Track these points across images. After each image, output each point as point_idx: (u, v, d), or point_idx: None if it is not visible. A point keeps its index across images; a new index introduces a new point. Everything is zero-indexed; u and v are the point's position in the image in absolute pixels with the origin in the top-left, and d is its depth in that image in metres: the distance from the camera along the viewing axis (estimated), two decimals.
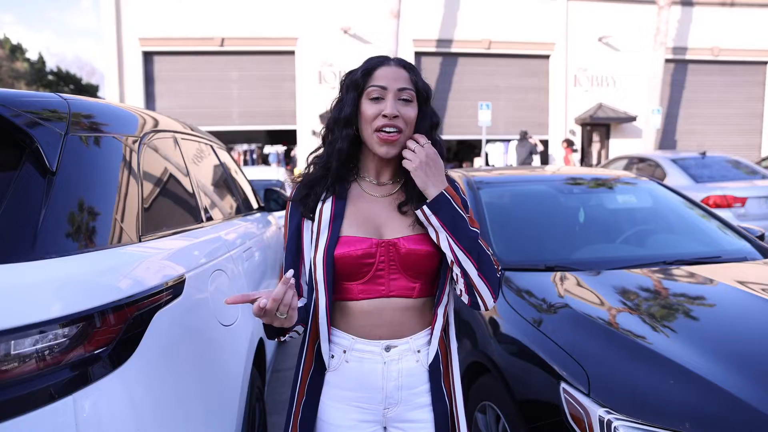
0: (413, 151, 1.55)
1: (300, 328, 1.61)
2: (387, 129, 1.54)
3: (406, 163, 1.55)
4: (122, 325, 1.47)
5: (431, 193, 1.53)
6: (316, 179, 1.63)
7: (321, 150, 1.67)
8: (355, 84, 1.59)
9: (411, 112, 1.58)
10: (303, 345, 1.64)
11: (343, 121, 1.61)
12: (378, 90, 1.56)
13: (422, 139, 1.58)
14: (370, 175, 1.67)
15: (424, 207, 1.53)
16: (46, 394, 1.30)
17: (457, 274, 1.57)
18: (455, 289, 1.63)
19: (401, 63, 1.62)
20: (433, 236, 1.55)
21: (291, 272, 1.42)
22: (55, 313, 1.33)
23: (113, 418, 1.41)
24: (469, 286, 1.57)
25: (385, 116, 1.53)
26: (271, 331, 1.55)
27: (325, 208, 1.60)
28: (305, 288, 1.64)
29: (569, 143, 17.23)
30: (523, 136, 16.27)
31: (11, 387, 1.27)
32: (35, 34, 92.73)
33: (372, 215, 1.61)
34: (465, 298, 1.61)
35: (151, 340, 1.56)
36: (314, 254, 1.57)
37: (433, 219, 1.52)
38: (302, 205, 1.63)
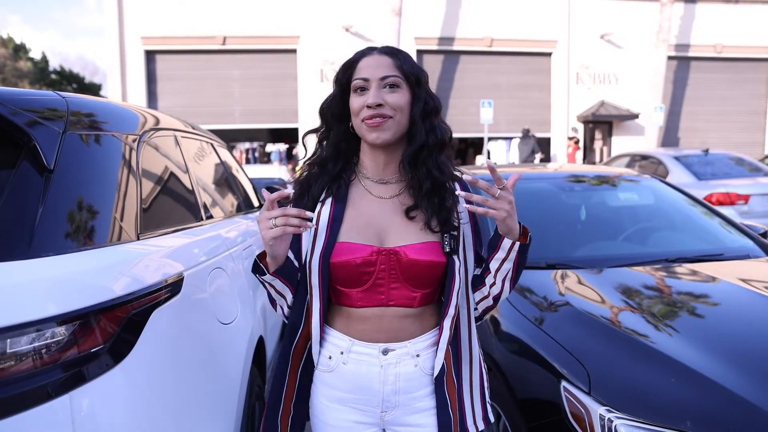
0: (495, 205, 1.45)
1: (289, 295, 1.56)
2: (371, 120, 1.49)
3: (494, 214, 1.46)
4: (119, 324, 1.46)
5: (517, 230, 1.51)
6: (312, 179, 1.59)
7: (316, 154, 1.63)
8: (338, 80, 1.56)
9: (398, 98, 1.50)
10: (292, 343, 1.61)
11: (324, 120, 1.60)
12: (361, 82, 1.50)
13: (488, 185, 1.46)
14: (370, 173, 1.60)
15: (516, 243, 1.51)
16: (42, 392, 1.30)
17: (485, 297, 1.64)
18: (474, 305, 1.67)
19: (385, 50, 1.55)
20: (494, 264, 1.56)
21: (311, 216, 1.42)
22: (51, 311, 1.33)
23: (110, 417, 1.41)
24: (490, 308, 1.68)
25: (368, 107, 1.48)
26: (257, 266, 1.49)
27: (324, 210, 1.55)
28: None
29: (576, 141, 17.24)
30: (526, 134, 16.25)
31: (8, 385, 1.26)
32: (39, 33, 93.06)
33: (374, 219, 1.55)
34: (476, 314, 1.68)
35: (148, 338, 1.55)
36: (310, 258, 1.53)
37: (513, 254, 1.52)
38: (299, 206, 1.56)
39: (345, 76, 1.54)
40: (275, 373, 1.64)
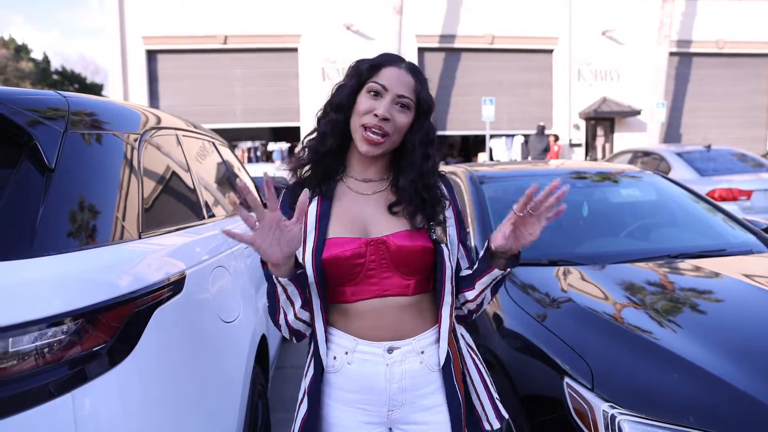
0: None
1: (298, 302, 1.50)
2: (373, 130, 1.50)
3: (528, 237, 1.52)
4: (122, 322, 1.46)
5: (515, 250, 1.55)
6: (311, 161, 1.60)
7: (315, 133, 1.63)
8: (359, 73, 1.56)
9: (404, 119, 1.53)
10: (309, 346, 1.62)
11: (335, 106, 1.58)
12: (378, 87, 1.52)
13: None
14: (355, 172, 1.63)
15: (505, 262, 1.56)
16: (45, 391, 1.30)
17: (469, 301, 1.66)
18: (461, 305, 1.68)
19: (411, 68, 1.58)
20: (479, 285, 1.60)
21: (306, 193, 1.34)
22: (54, 310, 1.33)
23: (112, 416, 1.41)
24: (476, 310, 1.69)
25: (375, 116, 1.50)
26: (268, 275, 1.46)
27: (311, 208, 1.57)
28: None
29: (556, 138, 17.29)
30: (541, 131, 16.24)
31: (10, 384, 1.26)
32: (42, 33, 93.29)
33: (359, 214, 1.57)
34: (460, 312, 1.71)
35: (151, 337, 1.56)
36: (303, 255, 1.53)
37: (497, 272, 1.57)
38: (290, 197, 1.58)
39: (367, 74, 1.55)
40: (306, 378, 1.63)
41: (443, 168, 1.71)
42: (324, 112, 1.62)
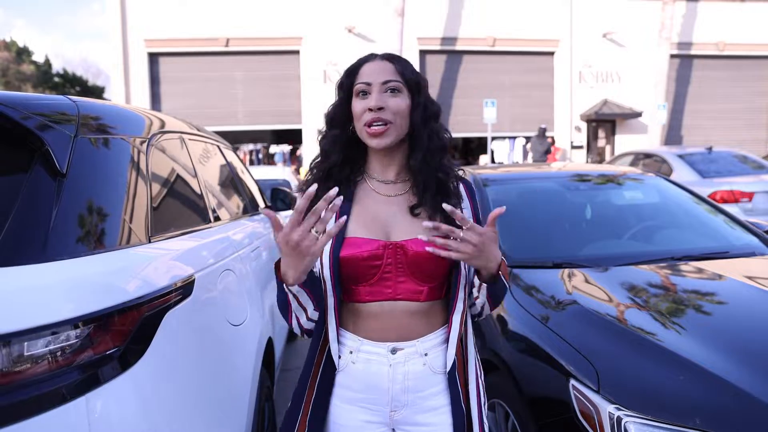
0: (459, 243, 1.43)
1: (311, 307, 1.54)
2: (374, 124, 1.53)
3: (455, 256, 1.44)
4: (133, 326, 1.48)
5: (492, 269, 1.52)
6: (319, 180, 1.61)
7: (321, 160, 1.65)
8: (341, 85, 1.61)
9: (399, 102, 1.55)
10: (315, 344, 1.62)
11: (329, 122, 1.63)
12: (363, 86, 1.55)
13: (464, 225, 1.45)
14: (376, 173, 1.65)
15: (484, 284, 1.57)
16: (58, 394, 1.31)
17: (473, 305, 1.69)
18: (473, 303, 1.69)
19: (386, 56, 1.60)
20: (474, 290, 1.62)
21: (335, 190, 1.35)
22: (66, 314, 1.34)
23: (125, 418, 1.42)
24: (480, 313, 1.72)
25: (370, 110, 1.52)
26: (282, 292, 1.49)
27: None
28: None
29: (552, 140, 17.35)
30: (542, 133, 16.25)
31: (24, 388, 1.28)
32: (44, 36, 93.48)
33: (379, 215, 1.59)
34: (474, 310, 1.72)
35: (161, 340, 1.57)
36: (320, 255, 1.54)
37: (483, 290, 1.60)
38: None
39: (348, 81, 1.59)
40: (300, 377, 1.65)
41: None
42: (324, 134, 1.66)
